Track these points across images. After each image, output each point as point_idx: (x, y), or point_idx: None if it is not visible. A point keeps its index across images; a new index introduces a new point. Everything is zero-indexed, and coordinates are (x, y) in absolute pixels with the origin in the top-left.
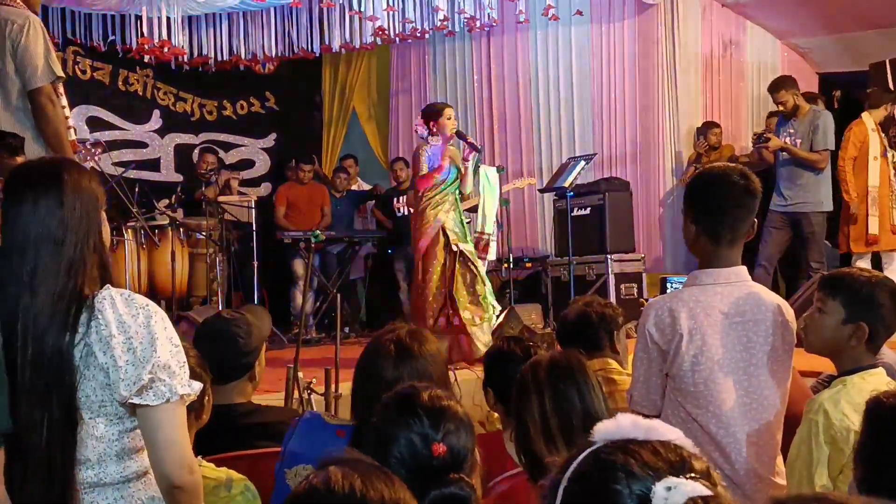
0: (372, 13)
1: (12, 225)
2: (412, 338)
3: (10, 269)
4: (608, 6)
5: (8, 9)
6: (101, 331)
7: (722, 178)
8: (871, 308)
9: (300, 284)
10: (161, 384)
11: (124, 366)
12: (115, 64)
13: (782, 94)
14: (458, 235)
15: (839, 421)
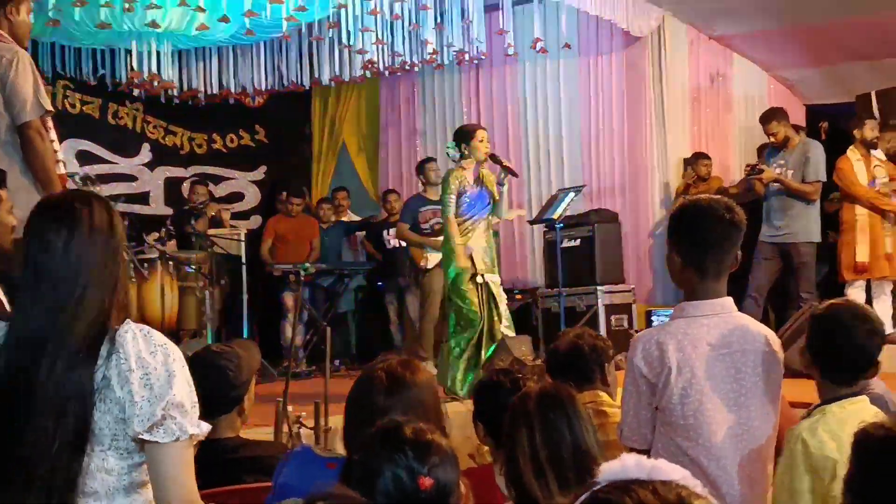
0: (361, 46)
1: (38, 258)
2: (404, 367)
3: (35, 299)
4: (596, 39)
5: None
6: (121, 365)
7: (707, 211)
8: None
9: (290, 317)
10: (172, 422)
11: (140, 402)
12: (104, 98)
13: (773, 125)
14: (487, 265)
15: (817, 449)
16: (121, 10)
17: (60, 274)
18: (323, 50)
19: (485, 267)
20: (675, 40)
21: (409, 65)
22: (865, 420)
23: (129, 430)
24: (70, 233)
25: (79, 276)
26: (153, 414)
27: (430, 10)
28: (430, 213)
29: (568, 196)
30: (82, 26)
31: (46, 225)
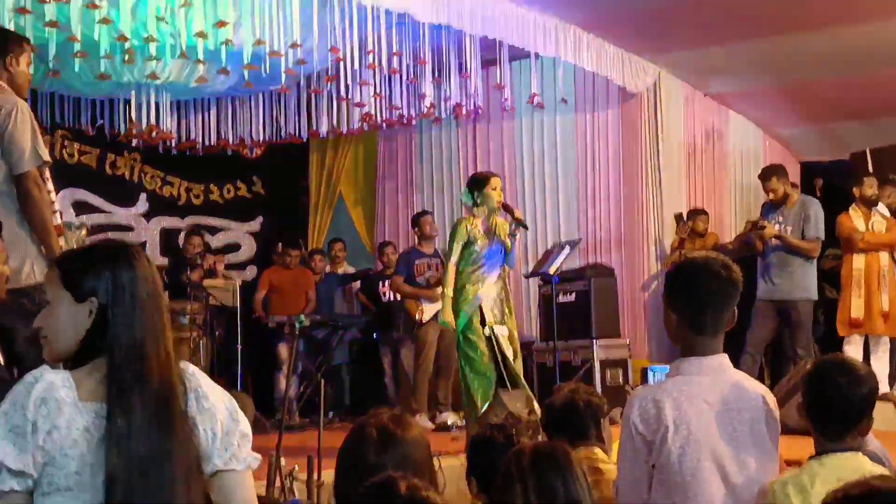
0: (359, 99)
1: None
2: (395, 423)
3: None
4: (592, 95)
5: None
6: (202, 402)
7: (703, 269)
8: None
9: (284, 369)
10: (244, 451)
11: (220, 435)
12: (102, 147)
13: (773, 182)
14: (496, 317)
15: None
16: (121, 61)
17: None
18: (321, 102)
19: (493, 319)
20: (671, 97)
21: (407, 118)
22: (843, 477)
23: (207, 464)
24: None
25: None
26: (231, 444)
27: (427, 65)
28: (424, 266)
29: (564, 250)
30: (82, 77)
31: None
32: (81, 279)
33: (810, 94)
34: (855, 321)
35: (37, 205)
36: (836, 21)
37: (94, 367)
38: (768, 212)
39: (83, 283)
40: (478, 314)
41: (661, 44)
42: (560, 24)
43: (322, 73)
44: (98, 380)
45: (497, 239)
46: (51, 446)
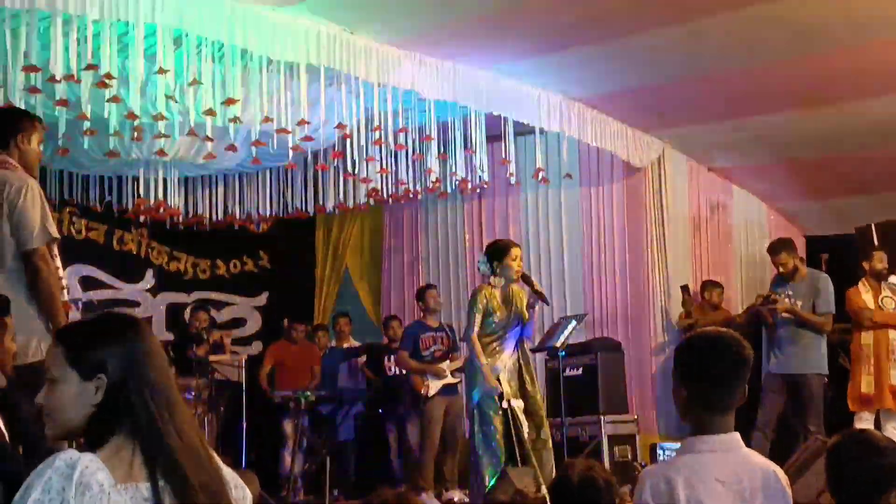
0: (365, 175)
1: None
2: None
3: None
4: (597, 169)
5: (7, 172)
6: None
7: (714, 345)
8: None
9: (289, 445)
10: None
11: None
12: (110, 224)
13: (783, 256)
14: (513, 389)
15: None
16: (129, 138)
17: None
18: (328, 178)
19: (511, 391)
20: (675, 171)
21: (413, 193)
22: None
23: None
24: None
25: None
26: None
27: (433, 140)
28: (430, 340)
29: (570, 324)
30: (91, 154)
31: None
32: (88, 355)
33: (813, 168)
34: (865, 397)
35: (45, 281)
36: (838, 97)
37: (117, 446)
38: (777, 286)
39: (90, 359)
40: (496, 383)
41: (665, 119)
42: (564, 101)
43: (329, 148)
44: (127, 461)
45: (515, 310)
46: None
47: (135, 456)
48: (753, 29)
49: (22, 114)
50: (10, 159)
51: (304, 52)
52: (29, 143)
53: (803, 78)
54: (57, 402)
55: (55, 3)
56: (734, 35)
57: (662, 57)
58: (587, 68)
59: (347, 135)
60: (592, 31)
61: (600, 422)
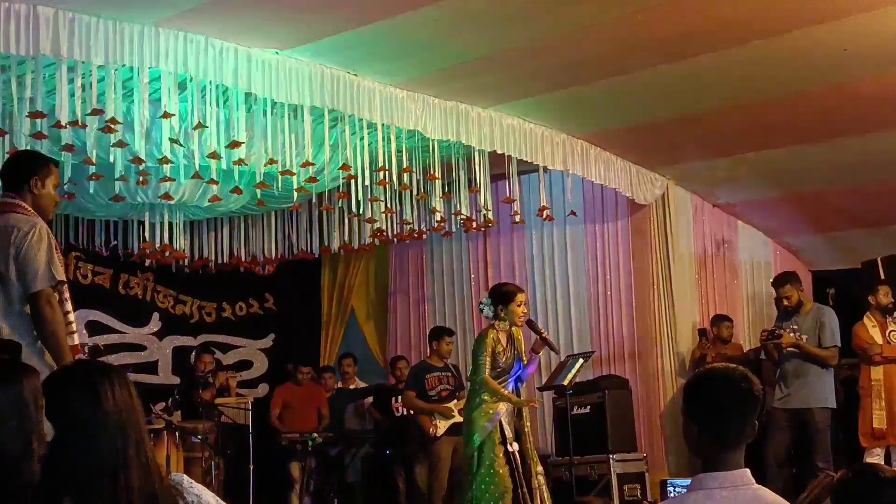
0: (370, 215)
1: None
2: None
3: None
4: (601, 207)
5: (17, 216)
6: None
7: (723, 380)
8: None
9: (296, 488)
10: None
11: None
12: (116, 268)
13: (787, 289)
14: (511, 433)
15: None
16: (135, 182)
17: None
18: (333, 219)
19: (511, 435)
20: (679, 208)
21: (418, 233)
22: None
23: None
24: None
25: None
26: None
27: (438, 180)
28: (436, 380)
29: (577, 363)
30: (96, 199)
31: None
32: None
33: (819, 203)
34: (878, 432)
35: (49, 324)
36: (842, 132)
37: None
38: (782, 320)
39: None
40: (498, 431)
41: (669, 156)
42: (567, 139)
43: (333, 190)
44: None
45: (516, 353)
46: None
47: None
48: (754, 65)
49: (37, 157)
50: (24, 203)
51: (308, 94)
52: (43, 187)
53: (805, 113)
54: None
55: (60, 50)
56: (735, 71)
57: (664, 94)
58: (590, 106)
59: (352, 176)
60: (594, 70)
61: (609, 460)
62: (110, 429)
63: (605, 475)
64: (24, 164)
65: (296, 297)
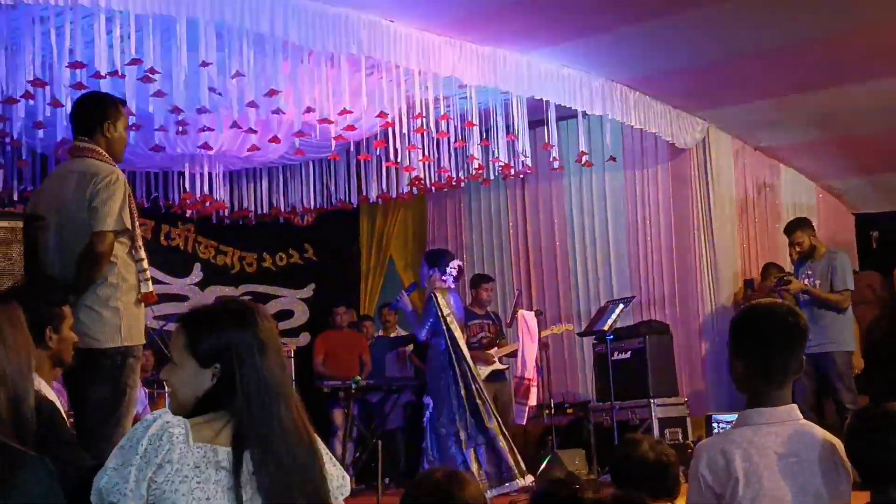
0: (408, 164)
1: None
2: (452, 483)
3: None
4: (641, 152)
5: (95, 162)
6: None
7: (769, 315)
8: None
9: (339, 435)
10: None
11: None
12: (157, 220)
13: (798, 235)
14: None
15: None
16: (174, 133)
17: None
18: (371, 168)
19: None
20: (720, 151)
21: (456, 181)
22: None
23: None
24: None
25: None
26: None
27: (475, 127)
28: (477, 327)
29: (617, 308)
30: (136, 150)
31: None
32: (206, 346)
33: (862, 145)
34: None
35: (95, 261)
36: (886, 73)
37: (213, 417)
38: (798, 265)
39: (208, 350)
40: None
41: (709, 99)
42: (606, 84)
43: (371, 138)
44: (216, 429)
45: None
46: (162, 479)
47: (225, 427)
48: (794, 4)
49: (108, 99)
50: (98, 148)
51: (344, 42)
52: (115, 130)
53: (850, 52)
54: (177, 382)
55: (98, 0)
56: (778, 11)
57: (705, 36)
58: (629, 50)
59: (389, 123)
60: (634, 12)
61: (650, 405)
62: (270, 366)
63: (647, 419)
64: (96, 108)
65: (335, 247)
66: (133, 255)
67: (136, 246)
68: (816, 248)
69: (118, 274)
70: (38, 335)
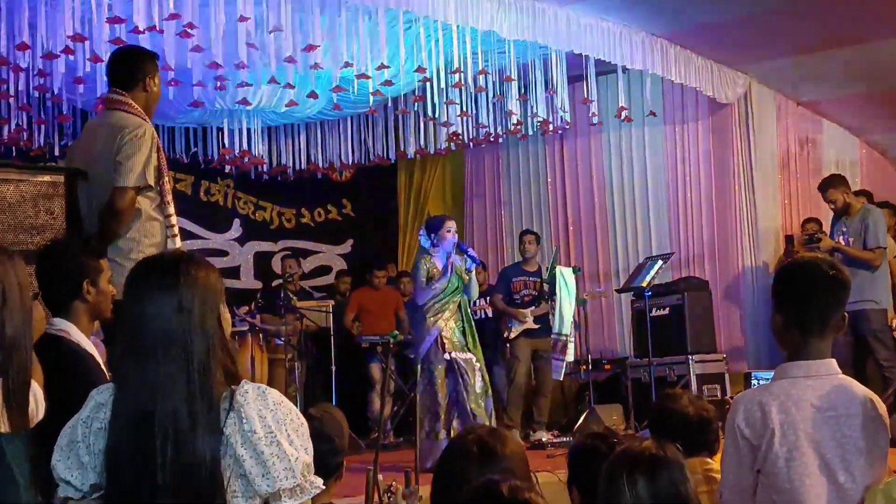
0: (446, 119)
1: (135, 326)
2: (494, 438)
3: (139, 373)
4: (681, 107)
5: (127, 116)
6: (243, 425)
7: (811, 269)
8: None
9: (377, 388)
10: (307, 482)
11: (270, 458)
12: (196, 175)
13: (831, 192)
14: (455, 344)
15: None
16: (213, 88)
17: (148, 344)
18: (408, 123)
19: (452, 346)
20: (762, 107)
21: (494, 136)
22: None
23: (260, 487)
24: (155, 300)
25: (166, 346)
26: (293, 476)
27: (514, 82)
28: (521, 284)
29: (656, 264)
30: (175, 105)
31: (134, 293)
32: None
33: None
34: None
35: (115, 219)
36: None
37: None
38: (834, 222)
39: None
40: (438, 345)
41: (751, 54)
42: (647, 38)
43: (409, 93)
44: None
45: (454, 274)
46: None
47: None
48: None
49: (148, 54)
50: (131, 101)
51: None
52: (155, 86)
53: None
54: None
55: None
56: None
57: None
58: (669, 3)
59: (427, 79)
60: None
61: (688, 361)
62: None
63: (685, 376)
64: (138, 62)
65: (373, 203)
66: (161, 210)
67: (166, 201)
68: (851, 206)
69: (140, 228)
70: (76, 289)
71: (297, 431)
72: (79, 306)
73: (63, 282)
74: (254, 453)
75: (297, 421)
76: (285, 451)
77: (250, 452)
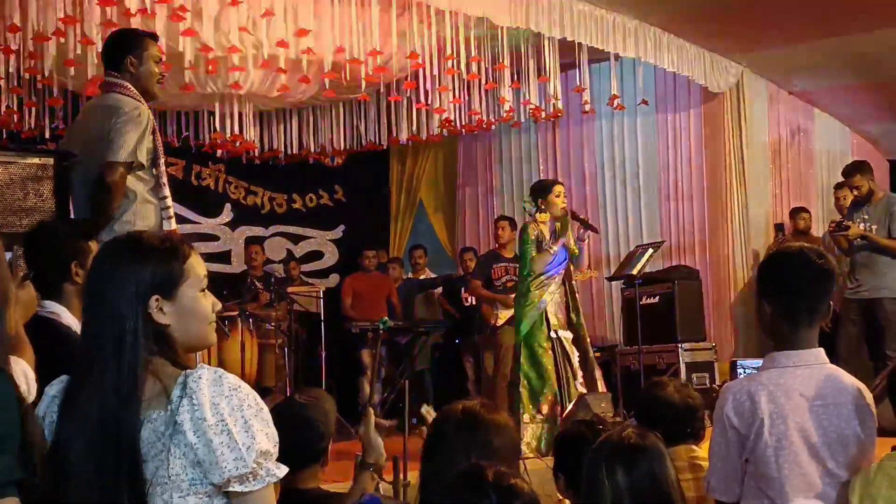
0: (438, 105)
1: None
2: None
3: (85, 354)
4: (674, 95)
5: (120, 97)
6: (195, 411)
7: (798, 258)
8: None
9: (367, 374)
10: (262, 470)
11: (219, 448)
12: (188, 159)
13: (857, 178)
14: (560, 321)
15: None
16: (204, 72)
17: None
18: (401, 109)
19: (557, 322)
20: (754, 95)
21: (486, 123)
22: None
23: (211, 476)
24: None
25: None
26: (240, 465)
27: (506, 69)
28: (502, 270)
29: (647, 253)
30: (167, 89)
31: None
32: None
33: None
34: None
35: (106, 194)
36: None
37: None
38: (854, 210)
39: None
40: (543, 320)
41: (744, 42)
42: (640, 25)
43: (401, 79)
44: None
45: (563, 245)
46: None
47: None
48: None
49: (131, 34)
50: (125, 83)
51: None
52: (141, 65)
53: None
54: None
55: None
56: None
57: None
58: None
59: (420, 65)
60: None
61: (678, 349)
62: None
63: (674, 364)
64: (119, 44)
65: (365, 188)
66: (155, 192)
67: (161, 183)
68: (874, 193)
69: (135, 211)
70: (65, 271)
71: (257, 416)
72: (69, 289)
73: (52, 264)
74: (204, 441)
75: (256, 406)
76: (236, 439)
77: (202, 441)
